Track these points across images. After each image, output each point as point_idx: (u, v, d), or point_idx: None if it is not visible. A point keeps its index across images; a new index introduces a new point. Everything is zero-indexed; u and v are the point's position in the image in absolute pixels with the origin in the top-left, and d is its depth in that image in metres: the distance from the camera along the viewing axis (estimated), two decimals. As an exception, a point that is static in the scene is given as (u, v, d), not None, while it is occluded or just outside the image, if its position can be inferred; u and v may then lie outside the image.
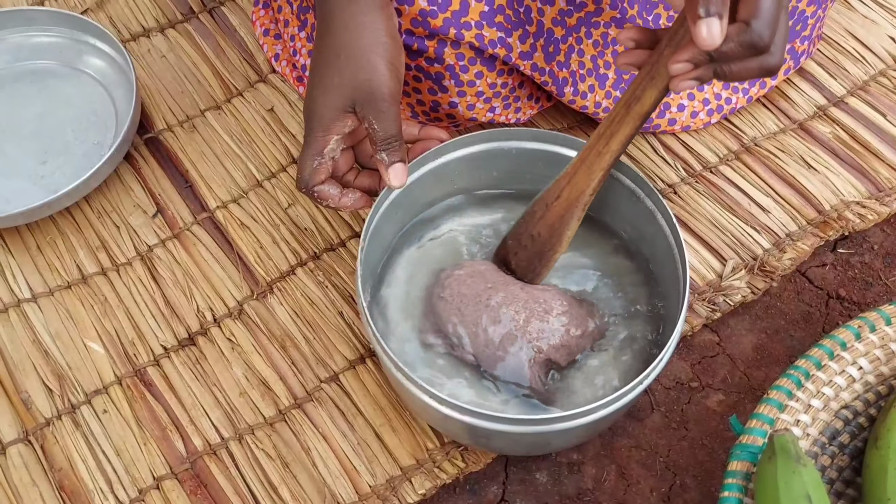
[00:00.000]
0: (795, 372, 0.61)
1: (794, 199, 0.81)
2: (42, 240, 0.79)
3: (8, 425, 0.70)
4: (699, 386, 0.73)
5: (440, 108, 0.77)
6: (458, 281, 0.68)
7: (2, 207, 0.79)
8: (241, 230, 0.80)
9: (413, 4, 0.68)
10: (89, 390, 0.72)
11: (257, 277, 0.77)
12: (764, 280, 0.77)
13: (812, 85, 0.88)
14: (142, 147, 0.85)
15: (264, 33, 0.90)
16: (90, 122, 0.84)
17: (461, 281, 0.68)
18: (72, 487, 0.67)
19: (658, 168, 0.83)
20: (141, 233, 0.80)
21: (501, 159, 0.72)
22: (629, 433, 0.71)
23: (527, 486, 0.69)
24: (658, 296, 0.70)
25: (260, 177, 0.83)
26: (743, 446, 0.57)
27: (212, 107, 0.87)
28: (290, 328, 0.74)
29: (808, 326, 0.76)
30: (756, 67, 0.53)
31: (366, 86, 0.61)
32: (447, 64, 0.72)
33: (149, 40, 0.92)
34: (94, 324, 0.75)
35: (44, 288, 0.77)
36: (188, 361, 0.73)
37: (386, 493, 0.67)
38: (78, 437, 0.69)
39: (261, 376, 0.72)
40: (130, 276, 0.77)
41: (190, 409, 0.71)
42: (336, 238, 0.79)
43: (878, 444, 0.57)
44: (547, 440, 0.64)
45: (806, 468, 0.53)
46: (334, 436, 0.70)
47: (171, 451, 0.69)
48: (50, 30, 0.88)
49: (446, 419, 0.61)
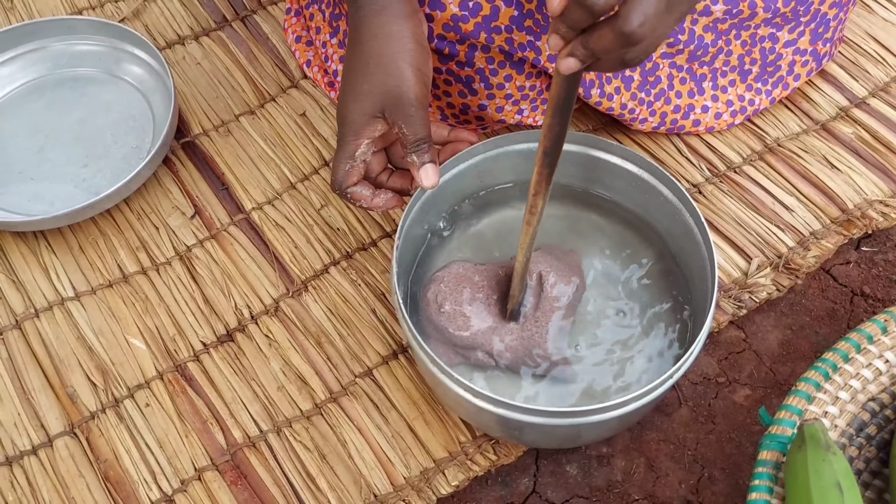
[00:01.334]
0: (823, 364, 0.62)
1: (818, 198, 0.82)
2: (84, 240, 0.82)
3: (55, 418, 0.72)
4: (726, 381, 0.75)
5: (469, 111, 0.79)
6: (449, 290, 0.70)
7: (46, 209, 0.81)
8: (276, 230, 0.82)
9: (445, 10, 0.70)
10: (132, 385, 0.74)
11: (292, 276, 0.79)
12: (789, 278, 0.78)
13: (834, 86, 0.89)
14: (179, 151, 0.87)
15: (296, 40, 0.92)
16: (129, 127, 0.87)
17: (450, 291, 0.69)
18: (117, 478, 0.70)
19: (683, 168, 0.84)
20: (179, 233, 0.82)
21: (530, 160, 0.73)
22: (658, 427, 0.72)
23: (557, 478, 0.70)
24: (685, 293, 0.72)
25: (293, 179, 0.85)
26: (772, 436, 0.59)
27: (246, 112, 0.90)
28: (324, 325, 0.76)
29: (833, 323, 0.77)
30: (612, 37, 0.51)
31: (394, 91, 0.63)
32: (477, 67, 0.74)
33: (184, 48, 0.94)
34: (136, 321, 0.77)
35: (86, 287, 0.79)
36: (227, 357, 0.75)
37: (420, 484, 0.69)
38: (122, 429, 0.72)
39: (297, 371, 0.74)
40: (170, 274, 0.80)
41: (230, 402, 0.73)
42: (368, 238, 0.81)
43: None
44: (578, 432, 0.65)
45: (836, 456, 0.54)
46: (369, 429, 0.71)
47: (212, 443, 0.71)
48: (90, 38, 0.91)
49: (480, 412, 0.62)
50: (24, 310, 0.78)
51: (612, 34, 0.51)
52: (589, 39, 0.52)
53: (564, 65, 0.53)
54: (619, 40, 0.51)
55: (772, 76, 0.84)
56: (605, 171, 0.73)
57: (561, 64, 0.54)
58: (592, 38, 0.52)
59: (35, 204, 0.82)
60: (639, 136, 0.86)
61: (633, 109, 0.81)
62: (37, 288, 0.79)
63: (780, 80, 0.85)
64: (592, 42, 0.52)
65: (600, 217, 0.76)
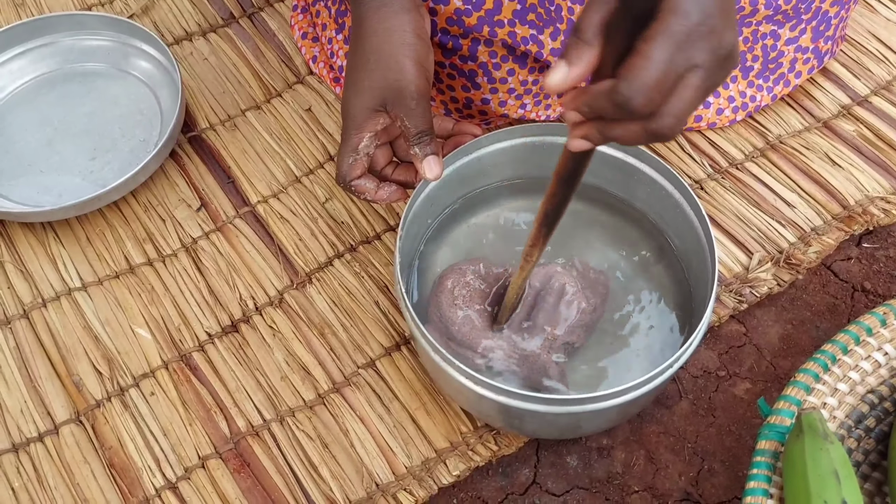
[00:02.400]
0: (822, 356, 0.62)
1: (819, 194, 0.83)
2: (92, 232, 0.83)
3: (61, 406, 0.73)
4: (726, 375, 0.75)
5: (473, 105, 0.80)
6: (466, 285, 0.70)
7: (54, 201, 0.82)
8: (281, 223, 0.83)
9: (448, 4, 0.70)
10: (137, 374, 0.75)
11: (297, 268, 0.80)
12: (790, 273, 0.78)
13: (836, 84, 0.90)
14: (186, 144, 0.88)
15: (302, 36, 0.93)
16: (136, 121, 0.88)
17: (467, 286, 0.70)
18: (121, 465, 0.70)
19: (685, 164, 0.85)
20: (186, 225, 0.83)
21: (533, 154, 0.74)
22: (658, 419, 0.73)
23: (557, 469, 0.71)
24: (686, 287, 0.72)
25: (298, 173, 0.86)
26: (771, 426, 0.59)
27: (252, 107, 0.91)
28: (328, 316, 0.77)
29: (834, 318, 0.78)
30: (639, 131, 0.47)
31: (395, 85, 0.64)
32: (480, 61, 0.75)
33: (191, 43, 0.95)
34: (142, 311, 0.78)
35: (93, 277, 0.80)
36: (231, 347, 0.76)
37: (421, 473, 0.69)
38: (127, 417, 0.72)
39: (301, 362, 0.75)
40: (176, 266, 0.80)
41: (233, 391, 0.73)
42: (371, 231, 0.82)
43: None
44: (578, 422, 0.66)
45: (833, 445, 0.55)
46: (371, 419, 0.72)
47: (216, 431, 0.72)
48: (99, 33, 0.92)
49: (481, 399, 0.63)
50: (31, 299, 0.79)
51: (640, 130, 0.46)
52: (611, 128, 0.47)
53: (576, 144, 0.50)
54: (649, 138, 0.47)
55: (773, 73, 0.85)
56: (607, 165, 0.73)
57: (572, 143, 0.50)
58: (616, 127, 0.47)
59: (44, 196, 0.83)
60: (641, 132, 0.87)
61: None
62: (44, 278, 0.80)
63: (781, 77, 0.85)
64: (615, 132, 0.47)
65: (601, 210, 0.76)
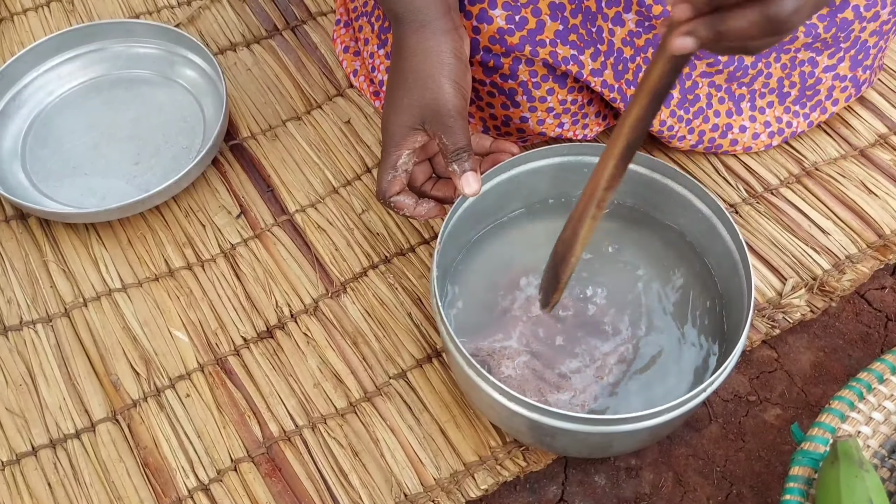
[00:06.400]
0: (858, 384, 0.62)
1: (855, 222, 0.83)
2: (133, 235, 0.84)
3: (98, 405, 0.75)
4: (757, 400, 0.75)
5: (511, 123, 0.81)
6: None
7: (98, 203, 0.84)
8: (317, 233, 0.84)
9: (492, 23, 0.72)
10: (174, 375, 0.76)
11: (332, 277, 0.81)
12: (823, 300, 0.78)
13: (873, 113, 0.90)
14: (227, 152, 0.90)
15: (344, 50, 0.95)
16: (180, 128, 0.90)
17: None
18: (155, 465, 0.71)
19: (720, 188, 0.85)
20: (225, 232, 0.84)
21: (569, 173, 0.75)
22: (687, 442, 0.73)
23: (585, 487, 0.71)
24: (720, 310, 0.72)
25: (336, 184, 0.87)
26: (805, 452, 0.59)
27: (293, 117, 0.92)
28: (361, 326, 0.78)
29: (867, 347, 0.77)
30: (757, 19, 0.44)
31: (432, 104, 0.66)
32: (520, 80, 0.76)
33: (235, 54, 0.97)
34: (180, 314, 0.79)
35: (133, 279, 0.82)
36: (266, 352, 0.77)
37: (450, 486, 0.70)
38: (162, 418, 0.74)
39: (333, 370, 0.76)
40: (214, 271, 0.82)
41: (267, 396, 0.75)
42: (406, 243, 0.83)
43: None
44: (609, 442, 0.66)
45: (869, 473, 0.55)
46: (401, 429, 0.73)
47: (249, 435, 0.73)
48: (147, 41, 0.94)
49: (513, 416, 0.63)
50: (73, 299, 0.80)
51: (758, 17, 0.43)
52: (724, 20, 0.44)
53: (679, 43, 0.45)
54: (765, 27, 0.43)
55: (810, 100, 0.85)
56: (644, 186, 0.74)
57: (675, 42, 0.46)
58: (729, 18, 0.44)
59: (88, 198, 0.85)
60: (676, 154, 0.87)
61: (672, 126, 0.82)
62: (86, 278, 0.82)
63: (818, 104, 0.86)
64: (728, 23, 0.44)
65: (637, 231, 0.77)
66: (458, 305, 0.74)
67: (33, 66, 0.92)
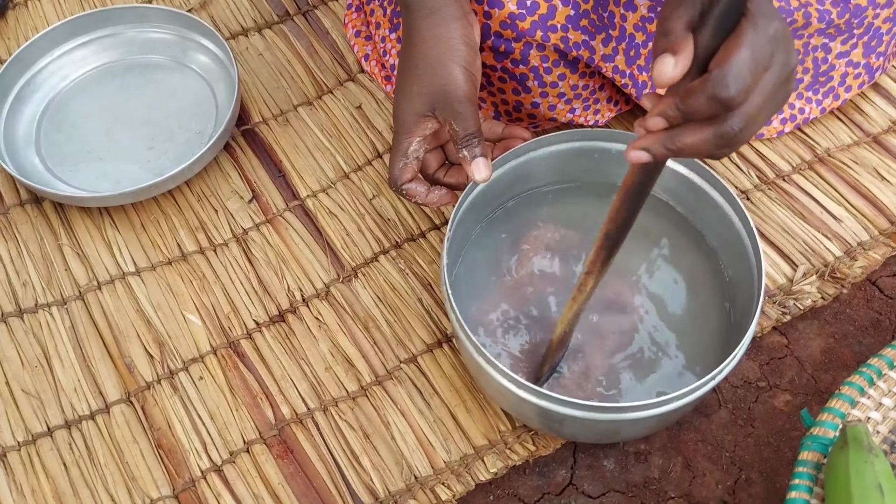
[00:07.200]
0: (868, 370, 0.62)
1: (867, 209, 0.82)
2: (146, 219, 0.85)
3: (112, 386, 0.75)
4: (767, 386, 0.75)
5: (522, 108, 0.81)
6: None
7: (112, 187, 0.85)
8: (329, 218, 0.84)
9: (503, 8, 0.72)
10: (187, 358, 0.77)
11: (343, 262, 0.82)
12: (834, 286, 0.78)
13: (887, 100, 0.89)
14: (239, 138, 0.90)
15: (355, 34, 0.95)
16: (193, 113, 0.90)
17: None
18: (169, 446, 0.72)
19: (731, 174, 0.85)
20: (237, 216, 0.85)
21: (581, 158, 0.75)
22: (696, 428, 0.73)
23: (594, 471, 0.71)
24: (730, 296, 0.72)
25: (347, 169, 0.88)
26: (814, 437, 0.59)
27: (304, 102, 0.93)
28: (372, 311, 0.79)
29: (878, 334, 0.77)
30: (709, 137, 0.47)
31: (442, 91, 0.66)
32: (532, 66, 0.76)
33: (247, 39, 0.98)
34: (193, 298, 0.80)
35: (147, 263, 0.82)
36: (278, 336, 0.78)
37: (459, 469, 0.70)
38: (175, 400, 0.74)
39: (345, 353, 0.76)
40: (227, 255, 0.83)
41: (279, 379, 0.75)
42: (417, 229, 0.83)
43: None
44: (617, 429, 0.66)
45: (878, 458, 0.55)
46: (412, 412, 0.73)
47: (261, 417, 0.73)
48: (160, 27, 0.94)
49: (522, 402, 0.63)
50: (87, 282, 0.81)
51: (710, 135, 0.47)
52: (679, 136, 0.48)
53: (634, 156, 0.49)
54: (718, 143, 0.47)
55: (823, 86, 0.85)
56: (655, 171, 0.74)
57: (630, 154, 0.50)
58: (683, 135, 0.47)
59: (102, 182, 0.86)
60: (688, 140, 0.87)
61: (685, 113, 0.81)
62: (100, 261, 0.82)
63: (831, 91, 0.85)
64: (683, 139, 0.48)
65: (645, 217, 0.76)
66: (468, 290, 0.74)
67: (47, 51, 0.92)
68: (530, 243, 0.76)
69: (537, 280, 0.74)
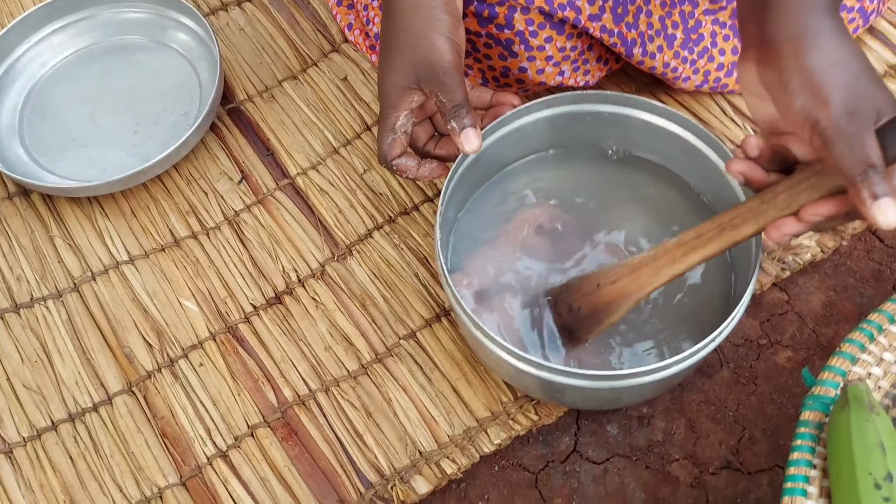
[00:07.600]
0: (868, 326, 0.62)
1: (866, 158, 0.81)
2: (136, 205, 0.84)
3: (113, 377, 0.76)
4: (768, 343, 0.75)
5: (510, 74, 0.79)
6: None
7: (99, 175, 0.84)
8: (320, 195, 0.83)
9: (485, -28, 0.69)
10: (186, 345, 0.77)
11: (337, 240, 0.81)
12: (833, 239, 0.77)
13: (883, 43, 0.87)
14: (225, 117, 0.89)
15: (337, 3, 0.92)
16: (177, 94, 0.89)
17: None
18: (173, 434, 0.73)
19: (727, 129, 0.83)
20: (227, 198, 0.84)
21: (573, 122, 0.73)
22: (699, 388, 0.73)
23: (598, 437, 0.72)
24: (728, 255, 0.72)
25: (336, 144, 0.86)
26: (815, 397, 0.59)
27: (289, 77, 0.91)
28: (369, 288, 0.78)
29: (879, 284, 0.77)
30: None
31: (425, 62, 0.64)
32: (517, 29, 0.74)
33: (227, 14, 0.95)
34: (188, 283, 0.80)
35: (140, 251, 0.82)
36: (276, 318, 0.77)
37: (464, 442, 0.71)
38: (177, 388, 0.75)
39: (343, 333, 0.76)
40: (219, 238, 0.82)
41: (279, 362, 0.75)
42: (410, 202, 0.82)
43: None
44: (618, 395, 0.66)
45: (879, 416, 0.54)
46: (413, 388, 0.73)
47: (264, 401, 0.74)
48: (136, 6, 0.92)
49: (521, 374, 0.63)
50: (81, 273, 0.81)
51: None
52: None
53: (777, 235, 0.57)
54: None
55: (819, 33, 0.82)
56: (648, 132, 0.72)
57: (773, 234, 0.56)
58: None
59: (88, 170, 0.85)
60: (682, 96, 0.85)
61: (676, 68, 0.80)
62: (92, 252, 0.82)
63: None
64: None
65: (642, 179, 0.75)
66: (464, 261, 0.73)
67: (24, 38, 0.91)
68: (524, 211, 0.75)
69: (532, 248, 0.73)
